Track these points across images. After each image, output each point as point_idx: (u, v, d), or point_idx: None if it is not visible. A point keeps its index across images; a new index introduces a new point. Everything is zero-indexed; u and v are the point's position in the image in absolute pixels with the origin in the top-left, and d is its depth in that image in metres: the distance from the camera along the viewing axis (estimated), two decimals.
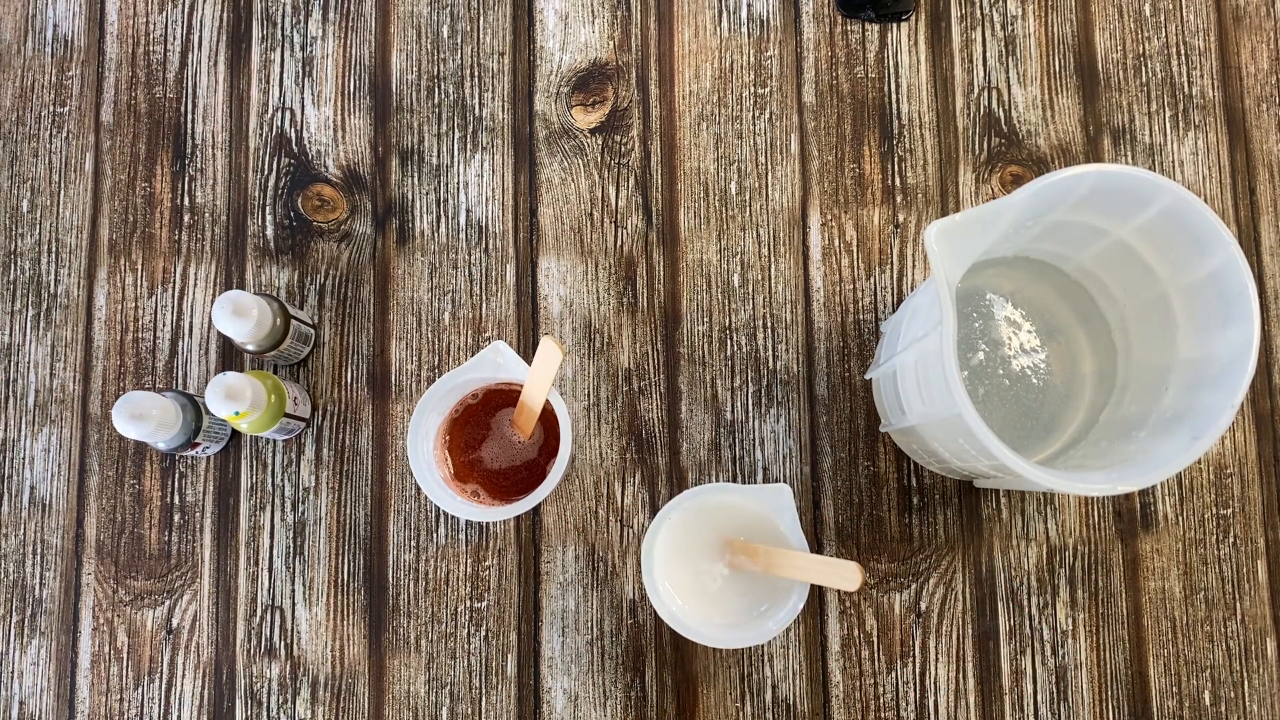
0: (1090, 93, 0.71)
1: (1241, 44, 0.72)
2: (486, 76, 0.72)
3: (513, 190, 0.71)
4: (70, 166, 0.72)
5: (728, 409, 0.68)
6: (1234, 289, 0.51)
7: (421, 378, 0.69)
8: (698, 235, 0.70)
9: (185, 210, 0.71)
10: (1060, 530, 0.67)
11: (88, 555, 0.68)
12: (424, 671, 0.66)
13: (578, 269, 0.70)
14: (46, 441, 0.69)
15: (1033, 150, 0.71)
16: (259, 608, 0.67)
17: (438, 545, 0.67)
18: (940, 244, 0.49)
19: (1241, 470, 0.68)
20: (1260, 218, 0.70)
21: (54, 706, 0.67)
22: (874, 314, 0.69)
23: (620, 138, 0.71)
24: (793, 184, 0.71)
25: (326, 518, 0.68)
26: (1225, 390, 0.50)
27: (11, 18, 0.74)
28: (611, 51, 0.72)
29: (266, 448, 0.68)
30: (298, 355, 0.68)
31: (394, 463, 0.68)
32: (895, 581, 0.66)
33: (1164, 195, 0.51)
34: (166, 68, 0.73)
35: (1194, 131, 0.71)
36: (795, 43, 0.72)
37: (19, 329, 0.70)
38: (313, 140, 0.72)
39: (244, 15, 0.73)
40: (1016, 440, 0.64)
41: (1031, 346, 0.65)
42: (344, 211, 0.71)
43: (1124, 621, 0.66)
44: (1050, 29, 0.72)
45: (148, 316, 0.70)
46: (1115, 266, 0.60)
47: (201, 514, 0.68)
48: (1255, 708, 0.65)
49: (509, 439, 0.63)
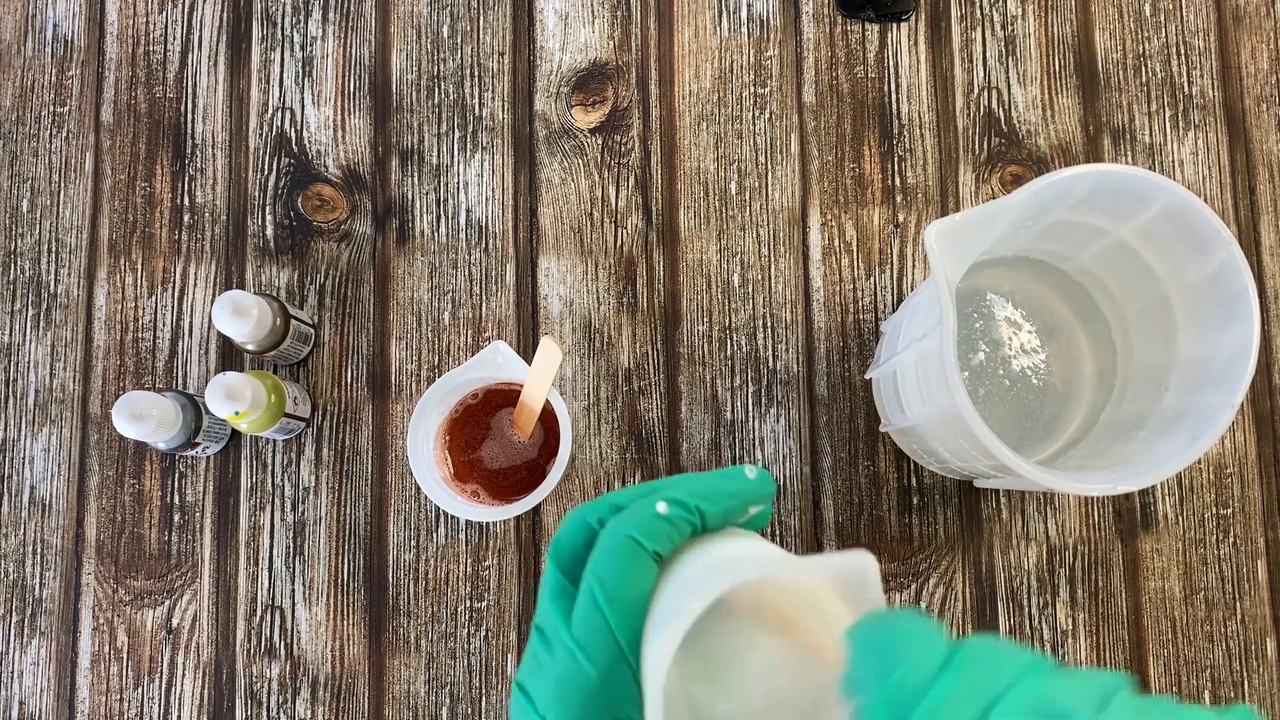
0: (1090, 93, 0.71)
1: (1241, 44, 0.72)
2: (486, 76, 0.72)
3: (513, 190, 0.71)
4: (70, 166, 0.72)
5: (728, 409, 0.68)
6: (1234, 289, 0.51)
7: (421, 378, 0.69)
8: (698, 235, 0.70)
9: (185, 210, 0.71)
10: (1060, 530, 0.67)
11: (88, 555, 0.68)
12: (424, 671, 0.66)
13: (578, 269, 0.70)
14: (46, 441, 0.69)
15: (1033, 150, 0.71)
16: (259, 608, 0.67)
17: (438, 545, 0.67)
18: (940, 244, 0.49)
19: (1242, 470, 0.68)
20: (1260, 218, 0.70)
21: (54, 706, 0.67)
22: (874, 314, 0.69)
23: (620, 138, 0.71)
24: (793, 184, 0.71)
25: (326, 518, 0.68)
26: (1225, 390, 0.50)
27: (11, 18, 0.74)
28: (611, 51, 0.72)
29: (266, 448, 0.68)
30: (298, 355, 0.68)
31: (394, 463, 0.68)
32: (895, 581, 0.66)
33: (1164, 195, 0.51)
34: (166, 68, 0.73)
35: (1194, 131, 0.71)
36: (795, 43, 0.72)
37: (19, 329, 0.70)
38: (313, 140, 0.72)
39: (244, 15, 0.73)
40: (1016, 440, 0.64)
41: (1032, 347, 0.65)
42: (344, 211, 0.71)
43: (1124, 621, 0.66)
44: (1050, 29, 0.72)
45: (148, 316, 0.70)
46: (1115, 266, 0.60)
47: (201, 514, 0.68)
48: (1255, 707, 0.65)
49: (509, 439, 0.63)
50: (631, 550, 0.30)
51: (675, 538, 0.31)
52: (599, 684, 0.30)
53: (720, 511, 0.32)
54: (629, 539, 0.30)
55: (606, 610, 0.29)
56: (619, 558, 0.30)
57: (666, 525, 0.30)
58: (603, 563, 0.30)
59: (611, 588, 0.30)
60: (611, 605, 0.29)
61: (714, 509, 0.32)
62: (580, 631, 0.30)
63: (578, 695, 0.30)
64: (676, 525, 0.31)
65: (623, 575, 0.30)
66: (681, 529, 0.31)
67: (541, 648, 0.32)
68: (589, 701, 0.30)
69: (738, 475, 0.33)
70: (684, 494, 0.31)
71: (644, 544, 0.30)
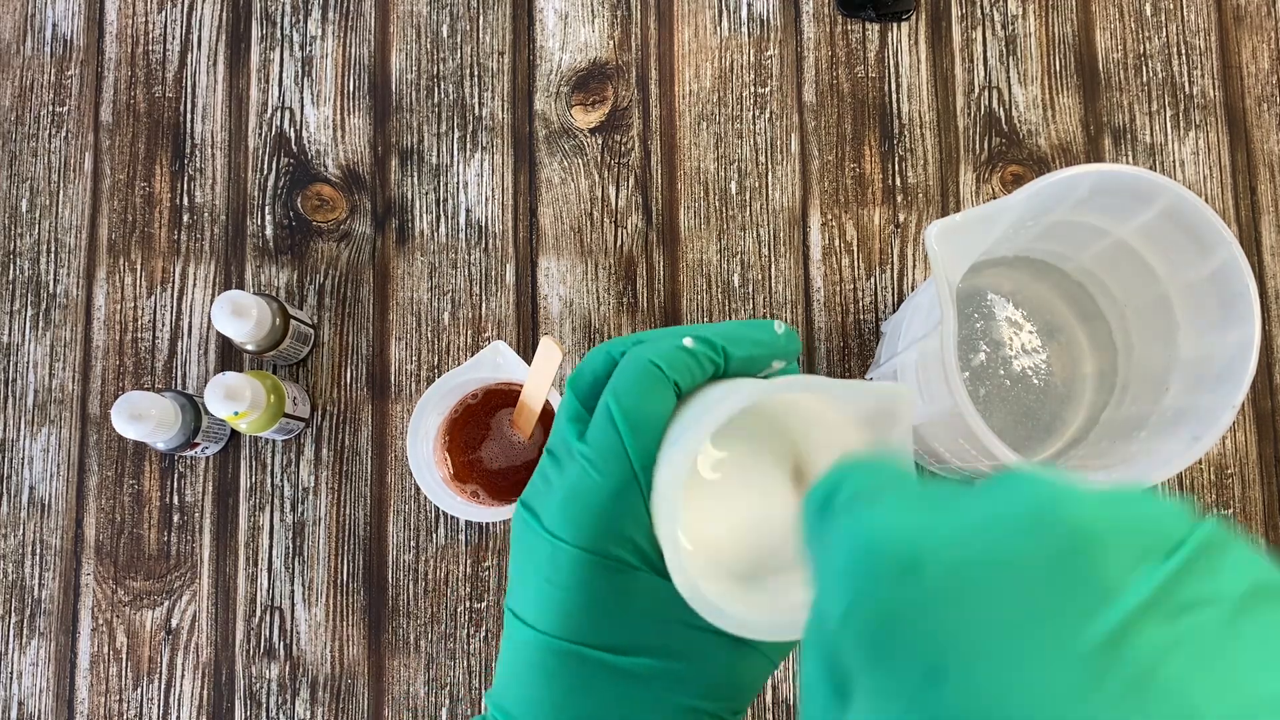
0: (1091, 92, 0.71)
1: (1242, 44, 0.72)
2: (486, 76, 0.72)
3: (512, 190, 0.71)
4: (70, 166, 0.72)
5: None
6: (1235, 289, 0.51)
7: (421, 378, 0.69)
8: (698, 235, 0.70)
9: (184, 210, 0.71)
10: None
11: (87, 555, 0.68)
12: (424, 672, 0.66)
13: (578, 269, 0.70)
14: (46, 441, 0.69)
15: (1033, 150, 0.71)
16: (258, 608, 0.67)
17: (437, 546, 0.67)
18: (941, 244, 0.49)
19: (1242, 470, 0.68)
20: (1261, 217, 0.70)
21: (53, 707, 0.66)
22: (874, 314, 0.69)
23: (620, 137, 0.71)
24: (793, 184, 0.70)
25: (326, 518, 0.67)
26: (1226, 390, 0.50)
27: (11, 18, 0.74)
28: (611, 51, 0.72)
29: (266, 448, 0.68)
30: (297, 355, 0.68)
31: (394, 463, 0.68)
32: None
33: (1165, 195, 0.51)
34: (166, 67, 0.73)
35: (1195, 131, 0.71)
36: (795, 42, 0.72)
37: (18, 329, 0.70)
38: (312, 140, 0.71)
39: (243, 15, 0.73)
40: (1017, 441, 0.64)
41: (1032, 347, 0.65)
42: (343, 211, 0.71)
43: None
44: (1051, 29, 0.72)
45: (147, 316, 0.70)
46: (1116, 266, 0.60)
47: (201, 514, 0.68)
48: None
49: (509, 439, 0.63)
50: (651, 372, 0.29)
51: (696, 372, 0.30)
52: (609, 497, 0.29)
53: (745, 357, 0.31)
54: (650, 362, 0.29)
55: (621, 426, 0.29)
56: (638, 378, 0.29)
57: (689, 357, 0.30)
58: (621, 382, 0.30)
59: (628, 405, 0.29)
60: (627, 420, 0.29)
61: (738, 353, 0.31)
62: (594, 445, 0.29)
63: (586, 509, 0.29)
64: (699, 360, 0.30)
65: (641, 394, 0.29)
66: (704, 365, 0.30)
67: (551, 467, 0.31)
68: (597, 516, 0.29)
69: (765, 327, 0.32)
70: (710, 334, 0.31)
71: (665, 370, 0.29)
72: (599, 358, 0.32)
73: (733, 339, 0.31)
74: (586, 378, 0.32)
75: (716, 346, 0.31)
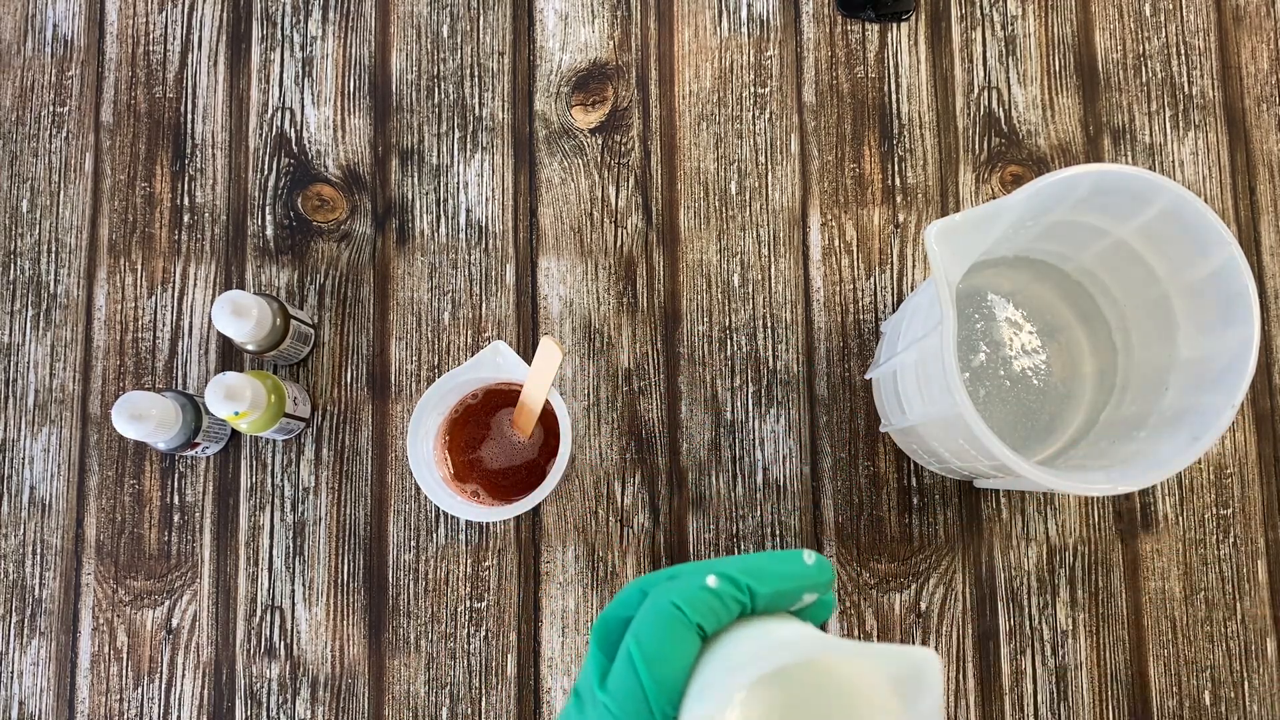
0: (1090, 93, 0.71)
1: (1242, 44, 0.72)
2: (486, 76, 0.72)
3: (513, 190, 0.71)
4: (70, 166, 0.72)
5: (728, 409, 0.68)
6: (1234, 289, 0.51)
7: (421, 378, 0.69)
8: (698, 235, 0.70)
9: (185, 210, 0.71)
10: (1060, 530, 0.67)
11: (87, 555, 0.68)
12: (424, 671, 0.66)
13: (578, 269, 0.70)
14: (46, 441, 0.69)
15: (1033, 150, 0.71)
16: (259, 608, 0.67)
17: (438, 545, 0.67)
18: (940, 244, 0.49)
19: (1242, 470, 0.68)
20: (1260, 218, 0.70)
21: (54, 706, 0.67)
22: (874, 314, 0.69)
23: (620, 137, 0.71)
24: (793, 184, 0.71)
25: (326, 518, 0.68)
26: (1225, 390, 0.50)
27: (11, 18, 0.74)
28: (611, 51, 0.72)
29: (266, 448, 0.68)
30: (297, 355, 0.68)
31: (394, 463, 0.68)
32: (895, 581, 0.66)
33: (1164, 195, 0.51)
34: (166, 68, 0.73)
35: (1194, 131, 0.71)
36: (795, 43, 0.72)
37: (19, 329, 0.70)
38: (312, 140, 0.72)
39: (244, 15, 0.73)
40: (1017, 440, 0.64)
41: (1032, 347, 0.65)
42: (344, 211, 0.71)
43: (1124, 621, 0.66)
44: (1050, 29, 0.72)
45: (147, 316, 0.70)
46: (1115, 266, 0.60)
47: (201, 514, 0.68)
48: (1255, 708, 0.65)
49: (509, 439, 0.63)
50: (673, 616, 0.29)
51: (721, 613, 0.30)
52: None
53: (771, 593, 0.31)
54: (671, 605, 0.30)
55: (643, 672, 0.29)
56: (659, 622, 0.29)
57: (713, 598, 0.30)
58: (643, 626, 0.30)
59: (649, 650, 0.29)
60: (648, 667, 0.29)
61: (765, 589, 0.31)
62: (614, 692, 0.30)
63: None
64: (724, 600, 0.30)
65: (662, 640, 0.29)
66: (729, 605, 0.30)
67: (576, 711, 0.31)
68: None
69: (793, 559, 0.32)
70: (734, 571, 0.31)
71: (687, 613, 0.29)
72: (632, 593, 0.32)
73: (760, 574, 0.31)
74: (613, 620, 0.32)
75: (741, 585, 0.30)
